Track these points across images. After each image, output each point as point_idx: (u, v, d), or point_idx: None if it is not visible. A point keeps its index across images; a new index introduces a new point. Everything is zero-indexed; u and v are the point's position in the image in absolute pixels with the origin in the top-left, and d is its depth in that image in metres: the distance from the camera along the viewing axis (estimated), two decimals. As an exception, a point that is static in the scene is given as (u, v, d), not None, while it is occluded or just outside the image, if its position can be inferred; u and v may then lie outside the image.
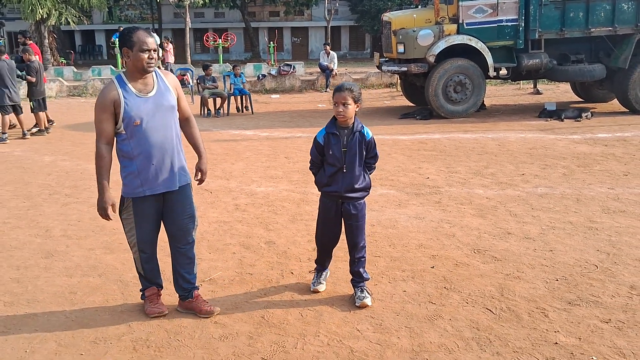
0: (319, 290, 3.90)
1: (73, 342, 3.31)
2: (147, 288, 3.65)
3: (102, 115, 3.26)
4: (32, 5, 22.02)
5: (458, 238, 4.90)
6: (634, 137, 9.44)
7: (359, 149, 3.60)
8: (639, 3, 11.66)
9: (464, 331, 3.36)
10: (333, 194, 3.67)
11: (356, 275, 3.75)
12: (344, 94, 3.51)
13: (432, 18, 11.81)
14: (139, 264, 3.58)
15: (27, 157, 8.84)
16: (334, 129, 3.62)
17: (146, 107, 3.31)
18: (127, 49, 3.27)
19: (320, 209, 3.80)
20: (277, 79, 18.53)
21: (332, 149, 3.59)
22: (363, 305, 3.61)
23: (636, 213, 5.46)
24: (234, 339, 3.32)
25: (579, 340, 3.25)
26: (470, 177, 6.98)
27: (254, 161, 8.21)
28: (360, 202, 3.70)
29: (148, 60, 3.27)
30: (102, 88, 3.40)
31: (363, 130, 3.64)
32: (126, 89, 3.29)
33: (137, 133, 3.29)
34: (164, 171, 3.40)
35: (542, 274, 4.14)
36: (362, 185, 3.67)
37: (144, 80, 3.34)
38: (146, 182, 3.37)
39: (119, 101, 3.25)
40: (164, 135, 3.37)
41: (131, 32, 3.28)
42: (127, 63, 3.32)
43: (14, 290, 4.02)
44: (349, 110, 3.53)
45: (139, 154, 3.33)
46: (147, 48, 3.25)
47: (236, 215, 5.70)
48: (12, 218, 5.72)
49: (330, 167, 3.63)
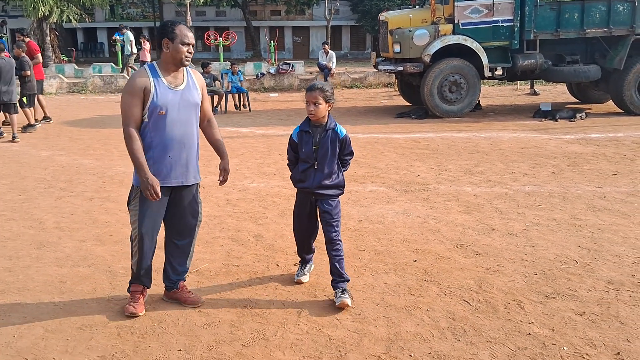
0: (302, 281, 3.98)
1: (60, 328, 3.41)
2: (134, 283, 3.64)
3: (131, 100, 3.29)
4: (35, 2, 22.16)
5: (442, 233, 5.00)
6: (626, 137, 9.53)
7: (331, 146, 3.67)
8: (634, 4, 11.74)
9: (440, 321, 3.46)
10: (305, 190, 3.76)
11: (336, 274, 3.72)
12: (315, 94, 3.59)
13: (428, 18, 11.90)
14: (135, 259, 3.54)
15: (24, 151, 8.95)
16: (307, 127, 3.71)
17: (174, 99, 3.37)
18: (168, 40, 3.33)
19: (295, 203, 3.91)
20: (276, 77, 18.64)
21: (305, 147, 3.69)
22: (343, 304, 3.59)
23: (621, 211, 5.54)
24: (216, 327, 3.42)
25: (552, 331, 3.34)
26: (460, 175, 7.08)
27: (248, 158, 8.31)
28: (333, 200, 3.76)
29: (187, 53, 3.36)
30: (132, 74, 3.47)
31: (336, 129, 3.71)
32: (157, 78, 3.34)
33: (160, 123, 3.34)
34: (179, 165, 3.44)
35: (521, 268, 4.24)
36: (334, 182, 3.74)
37: (175, 73, 3.41)
38: (159, 173, 3.38)
39: (149, 88, 3.30)
40: (185, 131, 3.43)
41: (174, 24, 3.38)
42: (164, 54, 3.37)
43: (5, 279, 4.13)
44: (319, 109, 3.60)
45: (157, 144, 3.36)
46: (188, 42, 3.35)
47: (227, 209, 5.80)
48: (7, 210, 5.83)
49: (303, 164, 3.73)
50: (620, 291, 3.83)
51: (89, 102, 15.62)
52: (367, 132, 10.28)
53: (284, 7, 37.35)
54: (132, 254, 3.58)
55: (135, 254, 3.54)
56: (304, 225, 3.90)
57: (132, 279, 3.64)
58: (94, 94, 17.55)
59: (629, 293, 3.80)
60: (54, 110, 13.03)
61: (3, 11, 34.90)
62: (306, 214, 3.84)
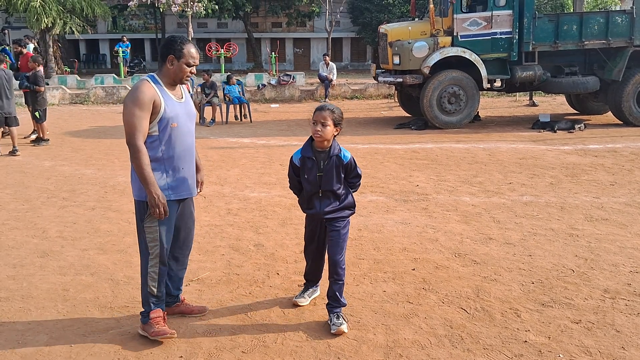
0: (299, 303, 3.81)
1: (63, 335, 3.47)
2: (153, 310, 3.39)
3: (140, 113, 3.17)
4: (38, 14, 22.33)
5: (441, 242, 5.06)
6: (625, 148, 9.60)
7: (335, 172, 3.48)
8: (632, 16, 11.86)
9: (438, 329, 3.51)
10: (315, 216, 3.62)
11: (333, 299, 3.56)
12: (325, 114, 3.40)
13: (428, 30, 12.03)
14: (154, 280, 3.36)
15: (27, 162, 9.03)
16: (310, 152, 3.50)
17: (181, 111, 3.34)
18: (174, 57, 3.27)
19: (305, 226, 3.77)
20: (277, 88, 18.76)
21: (308, 174, 3.50)
22: (339, 332, 3.41)
23: (618, 221, 5.60)
24: (216, 334, 3.47)
25: (548, 339, 3.39)
26: (459, 185, 7.14)
27: (249, 168, 8.38)
28: (342, 220, 3.59)
29: (189, 74, 3.34)
30: (134, 86, 3.29)
31: (340, 154, 3.49)
32: (163, 90, 3.29)
33: (172, 135, 3.28)
34: (190, 177, 3.44)
35: (519, 277, 4.29)
36: (342, 204, 3.57)
37: (174, 86, 3.39)
38: (173, 185, 3.33)
39: (159, 101, 3.23)
40: (192, 141, 3.45)
41: (183, 42, 3.30)
42: (167, 69, 3.31)
43: (9, 287, 4.18)
44: (327, 131, 3.39)
45: (170, 157, 3.30)
46: (192, 63, 3.31)
47: (228, 219, 5.86)
48: (10, 219, 5.89)
49: (308, 191, 3.56)
50: (617, 300, 3.88)
51: (91, 113, 15.72)
52: (367, 143, 10.36)
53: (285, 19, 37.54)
54: (148, 278, 3.36)
55: (154, 275, 3.36)
56: (314, 248, 3.74)
57: (152, 305, 3.39)
58: (96, 105, 17.66)
59: (624, 302, 3.85)
60: (57, 121, 13.13)
61: (6, 22, 35.16)
62: (316, 238, 3.69)
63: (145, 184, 3.19)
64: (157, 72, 3.38)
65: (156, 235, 3.31)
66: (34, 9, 22.31)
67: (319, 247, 3.72)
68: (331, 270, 3.56)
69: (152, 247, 3.33)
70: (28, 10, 22.53)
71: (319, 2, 31.88)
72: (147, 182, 3.18)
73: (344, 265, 3.58)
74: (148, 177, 3.18)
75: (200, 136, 11.14)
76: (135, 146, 3.17)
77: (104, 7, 26.35)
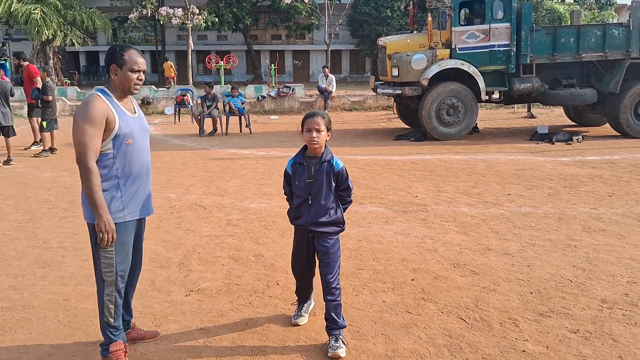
0: (299, 323, 3.72)
1: (65, 344, 3.49)
2: (113, 342, 3.15)
3: (92, 130, 2.94)
4: (39, 26, 22.50)
5: (440, 253, 5.09)
6: (622, 159, 9.65)
7: (326, 179, 3.40)
8: (629, 29, 11.97)
9: (437, 338, 3.53)
10: (301, 227, 3.52)
11: (330, 322, 3.41)
12: (317, 119, 3.36)
13: (426, 43, 12.14)
14: (110, 308, 3.11)
15: (28, 173, 9.07)
16: (302, 158, 3.46)
17: (134, 126, 3.14)
18: (116, 67, 3.07)
19: (293, 240, 3.68)
20: (277, 100, 18.87)
21: (298, 180, 3.45)
22: (335, 356, 3.28)
23: (616, 232, 5.63)
24: (217, 344, 3.49)
25: (546, 348, 3.41)
26: (457, 196, 7.19)
27: (249, 179, 8.42)
28: (331, 238, 3.46)
29: (137, 81, 3.12)
30: (85, 101, 3.06)
31: (332, 161, 3.43)
32: (114, 105, 3.07)
33: (128, 153, 3.08)
34: (145, 195, 3.24)
35: (517, 287, 4.32)
36: (330, 219, 3.44)
37: (125, 100, 3.17)
38: (128, 206, 3.12)
39: (112, 117, 3.01)
40: (148, 157, 3.25)
41: (123, 49, 3.10)
42: (112, 81, 3.11)
43: (11, 297, 4.21)
44: (322, 137, 3.37)
45: (126, 175, 3.09)
46: (137, 69, 3.10)
47: (228, 229, 5.89)
48: (11, 230, 5.92)
49: (297, 199, 3.48)
50: (614, 310, 3.91)
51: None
52: (366, 154, 10.41)
53: (284, 32, 37.82)
54: (105, 308, 3.11)
55: (109, 305, 3.10)
56: (301, 263, 3.64)
57: (111, 337, 3.15)
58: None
59: (622, 312, 3.88)
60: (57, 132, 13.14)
61: (6, 34, 35.34)
62: (304, 252, 3.58)
63: (95, 208, 2.96)
64: (107, 85, 3.17)
65: (112, 261, 3.06)
66: (35, 21, 22.49)
67: (308, 264, 3.61)
68: (325, 291, 3.45)
69: (106, 274, 3.07)
70: (29, 22, 22.69)
71: (318, 15, 32.11)
72: (97, 206, 2.95)
73: (337, 285, 3.46)
74: (98, 201, 2.95)
75: (200, 147, 11.21)
76: (86, 166, 2.95)
77: (104, 19, 26.56)
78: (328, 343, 3.40)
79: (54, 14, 23.10)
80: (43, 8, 22.92)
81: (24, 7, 22.66)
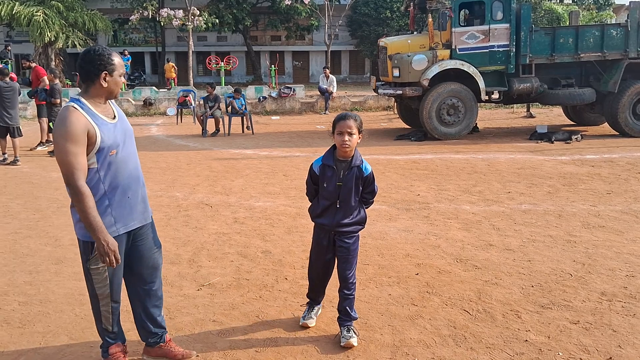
0: (308, 325, 3.71)
1: (83, 336, 3.62)
2: (111, 345, 3.18)
3: (75, 149, 2.75)
4: (41, 28, 22.62)
5: (443, 249, 5.22)
6: (621, 158, 9.79)
7: (355, 184, 3.42)
8: (627, 29, 12.11)
9: (442, 329, 3.66)
10: (325, 227, 3.54)
11: (343, 314, 3.54)
12: (350, 122, 3.33)
13: (426, 43, 12.28)
14: (107, 318, 3.11)
15: (35, 173, 9.20)
16: (331, 161, 3.43)
17: (117, 133, 2.93)
18: (107, 74, 2.88)
19: (313, 238, 3.67)
20: (278, 101, 18.99)
21: (327, 183, 3.43)
22: (348, 345, 3.41)
23: (615, 228, 5.76)
24: (230, 335, 3.62)
25: (548, 338, 3.54)
26: (459, 194, 7.32)
27: (253, 178, 8.55)
28: (353, 236, 3.53)
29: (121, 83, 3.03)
30: (61, 117, 2.81)
31: (362, 165, 3.44)
32: (94, 115, 2.85)
33: (113, 164, 2.90)
34: (138, 203, 3.07)
35: (518, 281, 4.44)
36: (355, 219, 3.50)
37: (104, 105, 2.96)
38: (120, 218, 2.96)
39: (93, 130, 2.80)
40: (135, 163, 3.07)
41: (110, 54, 2.91)
42: (99, 88, 2.90)
43: (27, 292, 4.33)
44: (353, 140, 3.35)
45: (113, 187, 2.92)
46: (123, 72, 3.01)
47: (235, 227, 6.02)
48: (23, 228, 6.05)
49: (324, 201, 3.48)
50: (613, 302, 4.03)
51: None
52: (368, 154, 10.54)
53: (284, 33, 37.95)
54: (101, 316, 3.12)
55: (107, 315, 3.11)
56: (322, 261, 3.63)
57: (109, 341, 3.19)
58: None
59: (621, 304, 4.00)
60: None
61: (8, 37, 35.46)
62: (324, 251, 3.58)
63: (92, 231, 2.79)
64: (82, 94, 2.92)
65: (105, 277, 2.99)
66: (37, 23, 22.60)
67: (326, 264, 3.63)
68: (342, 286, 3.55)
69: (100, 289, 3.01)
70: (31, 24, 22.81)
71: (318, 16, 32.24)
72: (95, 229, 2.79)
73: (354, 280, 3.56)
74: (94, 223, 2.78)
75: (203, 148, 11.33)
76: (76, 187, 2.76)
77: (105, 21, 26.68)
78: (340, 333, 3.52)
79: (56, 16, 23.23)
80: (45, 10, 23.05)
81: (26, 10, 22.80)
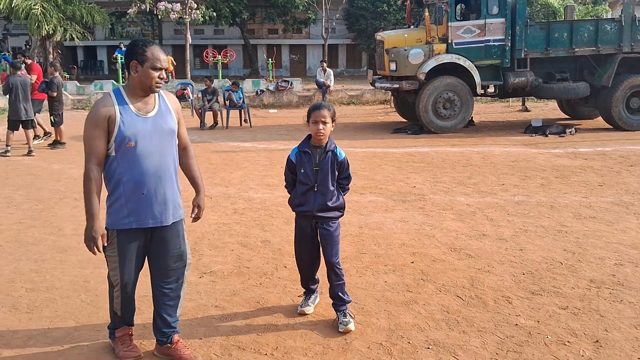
0: (305, 312, 3.82)
1: (89, 320, 3.75)
2: (118, 328, 3.30)
3: (93, 132, 2.91)
4: (39, 21, 22.62)
5: (437, 238, 5.36)
6: (614, 151, 9.94)
7: (331, 168, 3.59)
8: (620, 24, 12.23)
9: (436, 314, 3.81)
10: (306, 214, 3.65)
11: (337, 299, 3.66)
12: (324, 112, 3.52)
13: (423, 38, 12.38)
14: (117, 304, 3.21)
15: (36, 165, 9.31)
16: (307, 147, 3.62)
17: (144, 127, 2.96)
18: (137, 63, 2.94)
19: (295, 229, 3.78)
20: (275, 94, 19.09)
21: (304, 167, 3.59)
22: (346, 330, 3.53)
23: (605, 219, 5.91)
24: (231, 319, 3.76)
25: (537, 322, 3.69)
26: (454, 186, 7.46)
27: (251, 170, 8.68)
28: (334, 222, 3.66)
29: (158, 79, 2.98)
30: (96, 101, 3.01)
31: (336, 150, 3.62)
32: (124, 105, 2.95)
33: (129, 156, 2.94)
34: (156, 203, 3.03)
35: (510, 269, 4.59)
36: (336, 204, 3.64)
37: (145, 99, 3.02)
38: (133, 212, 2.99)
39: (113, 117, 2.91)
40: (160, 162, 3.02)
41: (145, 45, 2.96)
42: (132, 78, 2.99)
43: (34, 279, 4.46)
44: (327, 128, 3.54)
45: (128, 180, 2.96)
46: (159, 66, 2.97)
47: (235, 217, 6.15)
48: (27, 219, 6.17)
49: (302, 186, 3.61)
50: (601, 289, 4.19)
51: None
52: (364, 147, 10.68)
53: (281, 26, 37.95)
54: (112, 299, 3.23)
55: (117, 300, 3.21)
56: (307, 251, 3.75)
57: (116, 324, 3.29)
58: (96, 111, 17.90)
59: (609, 290, 4.16)
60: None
61: (5, 29, 35.39)
62: (308, 239, 3.72)
63: (86, 214, 2.93)
64: (125, 83, 3.09)
65: (116, 265, 3.08)
66: (35, 16, 22.59)
67: (311, 251, 3.74)
68: (329, 273, 3.67)
69: (113, 276, 3.14)
70: (29, 17, 22.81)
71: (315, 9, 32.27)
72: (87, 212, 2.92)
73: (340, 266, 3.68)
74: (88, 207, 2.91)
75: (202, 140, 11.42)
76: (86, 168, 2.93)
77: (103, 14, 26.65)
78: (337, 319, 3.64)
79: (53, 9, 23.21)
80: (43, 3, 23.05)
81: (24, 3, 22.77)
